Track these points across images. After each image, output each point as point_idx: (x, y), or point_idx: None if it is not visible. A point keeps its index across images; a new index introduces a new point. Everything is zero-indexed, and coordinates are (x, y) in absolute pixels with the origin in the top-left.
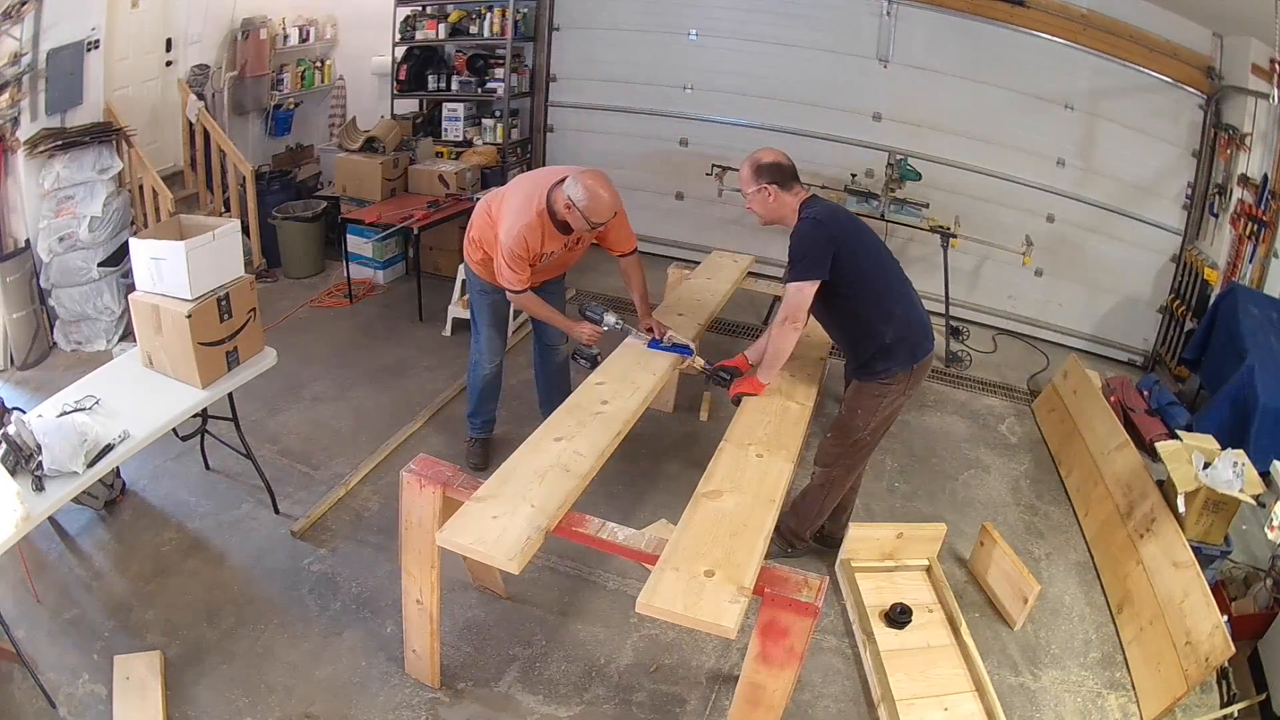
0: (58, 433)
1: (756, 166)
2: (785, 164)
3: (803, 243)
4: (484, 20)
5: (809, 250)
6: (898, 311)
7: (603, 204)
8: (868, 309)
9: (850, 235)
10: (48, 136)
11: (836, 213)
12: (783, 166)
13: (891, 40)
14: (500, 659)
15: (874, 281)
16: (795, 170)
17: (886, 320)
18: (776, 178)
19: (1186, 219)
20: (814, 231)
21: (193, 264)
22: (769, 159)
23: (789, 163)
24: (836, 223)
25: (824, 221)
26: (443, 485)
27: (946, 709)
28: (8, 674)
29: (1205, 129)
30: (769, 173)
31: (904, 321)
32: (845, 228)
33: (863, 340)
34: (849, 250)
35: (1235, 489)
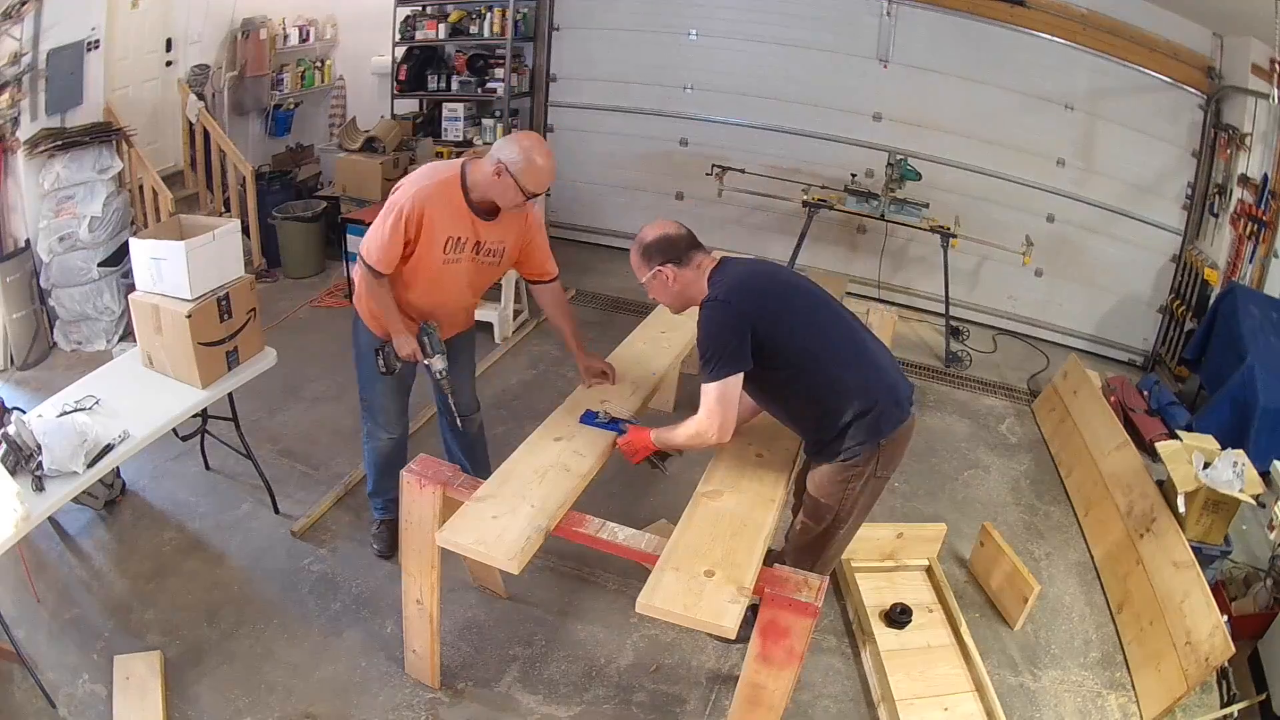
0: (58, 433)
1: (643, 247)
2: (675, 235)
3: (713, 333)
4: (484, 20)
5: (719, 339)
6: (853, 381)
7: (540, 170)
8: (814, 387)
9: (774, 304)
10: (48, 136)
11: (750, 279)
12: (672, 239)
13: (891, 40)
14: (500, 659)
15: (817, 354)
16: (692, 239)
17: (840, 395)
18: (669, 254)
19: (1186, 219)
20: (721, 315)
21: (193, 264)
22: (653, 235)
23: (681, 232)
24: (750, 295)
25: (730, 300)
26: (443, 485)
27: (946, 709)
28: (8, 674)
29: (1205, 129)
30: (660, 251)
31: (863, 390)
32: (763, 297)
33: (815, 422)
34: (773, 324)
35: (1235, 489)
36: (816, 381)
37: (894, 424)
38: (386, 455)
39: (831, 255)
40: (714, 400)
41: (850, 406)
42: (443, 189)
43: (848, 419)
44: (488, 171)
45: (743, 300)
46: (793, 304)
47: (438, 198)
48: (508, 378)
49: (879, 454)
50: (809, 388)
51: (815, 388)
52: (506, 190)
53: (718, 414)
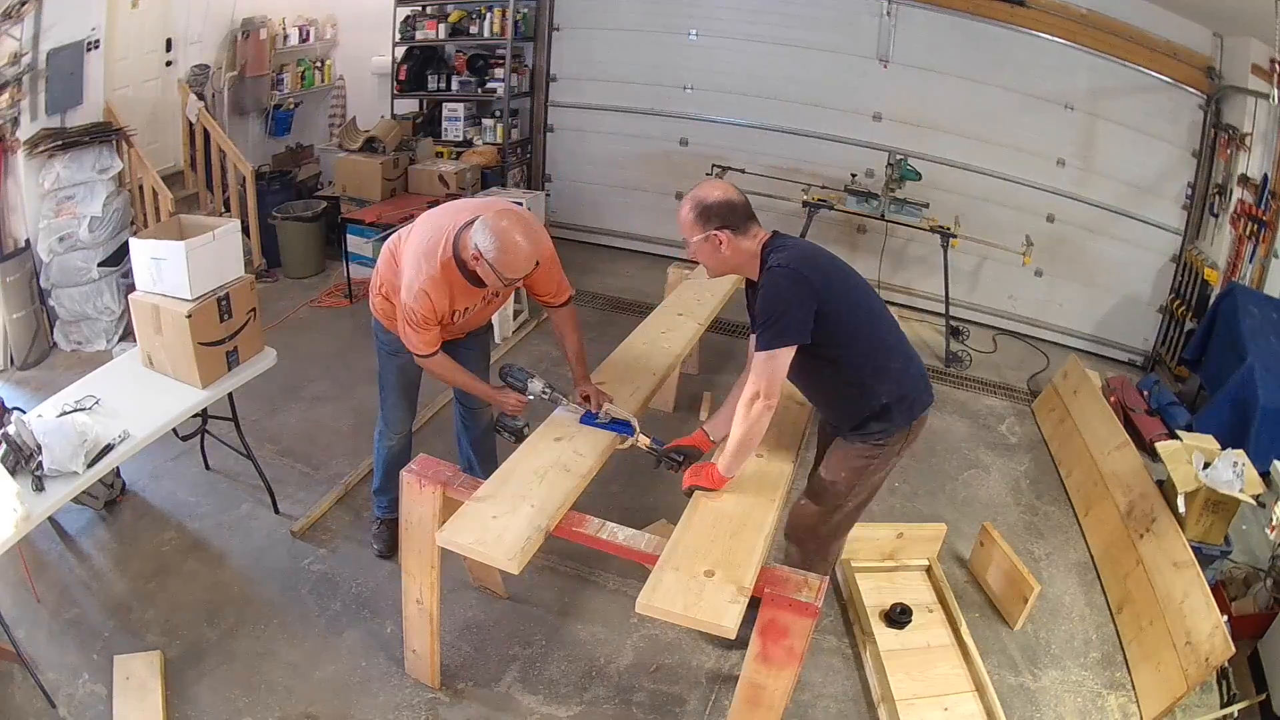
0: (58, 433)
1: (701, 207)
2: (738, 201)
3: (779, 300)
4: (484, 20)
5: (788, 309)
6: (895, 366)
7: (518, 254)
8: (860, 370)
9: (836, 283)
10: (48, 136)
11: (815, 256)
12: (735, 205)
13: (891, 40)
14: (500, 659)
15: (867, 336)
16: (749, 207)
17: (883, 379)
18: (729, 220)
19: (1186, 219)
20: (793, 286)
21: (193, 264)
22: (717, 196)
23: (742, 199)
24: (818, 270)
25: (801, 272)
26: (443, 485)
27: (946, 709)
28: (8, 674)
29: (1205, 129)
30: (719, 215)
31: (902, 377)
32: (828, 275)
33: (854, 404)
34: (836, 303)
35: (1235, 489)
36: (863, 365)
37: (924, 407)
38: (397, 454)
39: None
40: (765, 363)
41: (887, 390)
42: (444, 276)
43: (887, 400)
44: (469, 254)
45: (812, 273)
46: (852, 286)
47: (442, 286)
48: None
49: (909, 434)
50: (856, 368)
51: (862, 369)
52: (488, 276)
53: (770, 378)
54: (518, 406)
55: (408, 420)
